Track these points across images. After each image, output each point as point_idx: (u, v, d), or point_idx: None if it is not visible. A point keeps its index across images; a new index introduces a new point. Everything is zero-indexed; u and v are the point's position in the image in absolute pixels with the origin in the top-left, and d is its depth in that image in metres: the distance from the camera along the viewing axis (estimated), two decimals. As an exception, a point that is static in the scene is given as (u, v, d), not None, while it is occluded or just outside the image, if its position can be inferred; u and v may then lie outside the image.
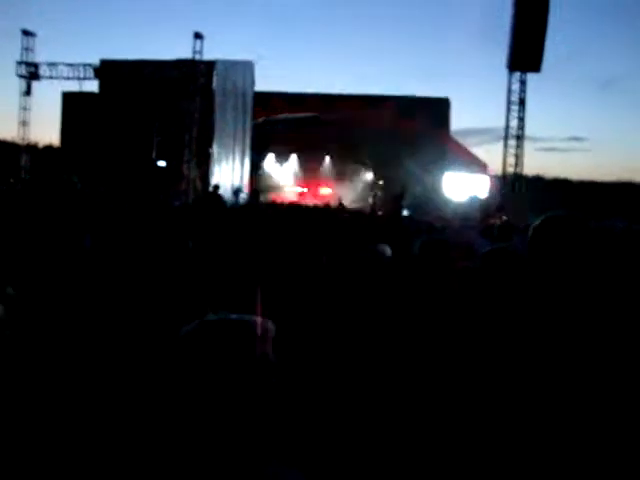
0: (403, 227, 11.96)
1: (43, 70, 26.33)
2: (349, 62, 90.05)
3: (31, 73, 26.42)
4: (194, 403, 1.22)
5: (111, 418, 2.07)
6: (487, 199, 25.92)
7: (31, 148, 28.66)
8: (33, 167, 27.33)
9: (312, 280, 3.31)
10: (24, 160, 27.41)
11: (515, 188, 24.54)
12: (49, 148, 32.73)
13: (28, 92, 26.76)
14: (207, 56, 24.76)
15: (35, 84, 26.83)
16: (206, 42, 24.62)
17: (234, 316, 1.32)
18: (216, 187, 19.14)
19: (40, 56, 26.92)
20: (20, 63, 26.38)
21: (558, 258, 2.09)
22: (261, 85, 28.90)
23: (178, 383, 1.24)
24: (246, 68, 27.25)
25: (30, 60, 26.49)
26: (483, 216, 18.21)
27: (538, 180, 34.40)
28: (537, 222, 2.19)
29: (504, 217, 21.40)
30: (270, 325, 1.32)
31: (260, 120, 30.12)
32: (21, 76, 26.59)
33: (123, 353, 2.60)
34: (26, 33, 26.50)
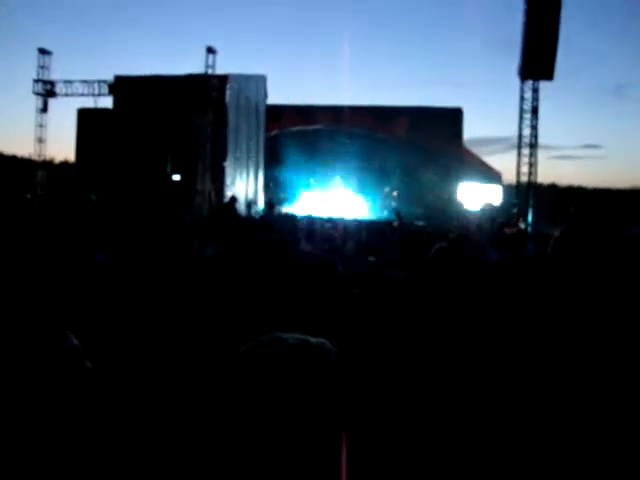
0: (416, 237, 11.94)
1: (59, 87, 26.73)
2: (361, 73, 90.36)
3: (47, 90, 26.82)
4: (253, 423, 1.19)
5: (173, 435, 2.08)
6: (498, 209, 25.84)
7: (47, 164, 29.01)
8: (49, 183, 27.63)
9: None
10: (40, 176, 27.74)
11: (529, 197, 24.41)
12: (65, 164, 33.11)
13: (44, 109, 27.16)
14: (220, 70, 24.97)
15: (51, 101, 27.25)
16: (219, 56, 24.85)
17: (299, 337, 1.28)
18: (233, 199, 19.20)
19: (56, 73, 27.36)
20: (37, 81, 26.80)
21: (581, 267, 2.06)
22: (274, 98, 29.12)
23: (238, 402, 1.22)
24: (259, 82, 27.44)
25: (46, 78, 26.90)
26: (497, 226, 18.13)
27: (553, 188, 34.23)
28: (558, 232, 2.16)
29: (521, 225, 21.35)
30: (332, 349, 1.29)
31: (273, 133, 30.27)
32: (37, 94, 26.99)
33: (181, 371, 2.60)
34: (42, 52, 26.91)
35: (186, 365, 2.74)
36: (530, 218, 23.83)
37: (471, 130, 71.51)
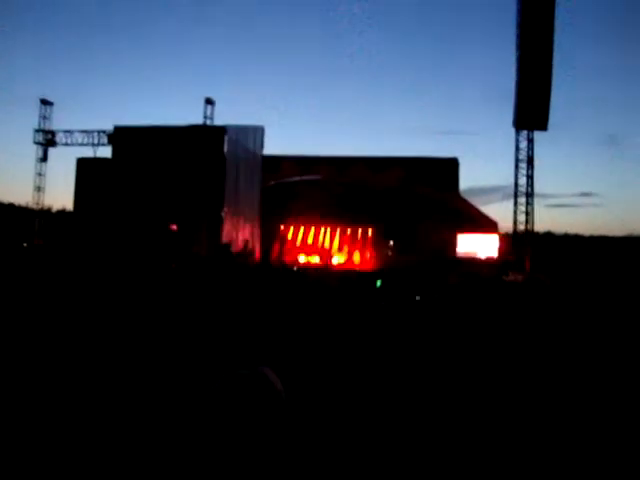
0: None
1: (59, 137, 27.04)
2: (358, 124, 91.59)
3: (47, 140, 27.12)
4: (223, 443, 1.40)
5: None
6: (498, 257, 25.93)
7: (44, 213, 29.07)
8: (46, 232, 27.64)
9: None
10: (37, 225, 27.77)
11: (526, 245, 24.49)
12: (62, 212, 33.18)
13: (44, 158, 27.40)
14: (218, 120, 25.34)
15: (51, 150, 27.51)
16: (217, 107, 25.28)
17: (248, 370, 1.49)
18: (227, 246, 19.15)
19: (56, 123, 27.70)
20: (37, 131, 27.12)
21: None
22: (272, 149, 29.47)
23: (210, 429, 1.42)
24: (256, 132, 27.78)
25: (47, 128, 27.23)
26: (498, 274, 18.12)
27: (549, 236, 34.36)
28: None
29: (518, 273, 21.36)
30: (274, 375, 1.51)
31: (271, 184, 30.48)
32: (38, 143, 27.28)
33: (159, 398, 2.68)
34: (44, 102, 27.31)
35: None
36: (528, 266, 23.85)
37: (467, 180, 72.41)
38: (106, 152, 26.37)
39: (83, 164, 26.60)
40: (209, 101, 24.87)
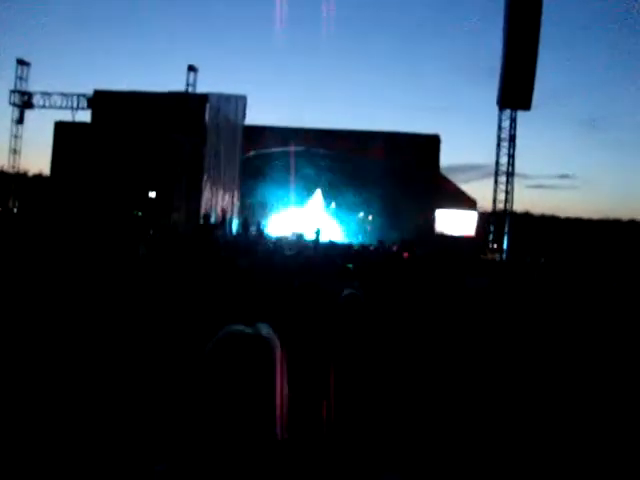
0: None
1: (37, 99, 26.43)
2: (340, 98, 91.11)
3: (24, 102, 26.50)
4: (219, 407, 1.36)
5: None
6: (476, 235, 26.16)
7: (20, 177, 28.56)
8: (22, 195, 27.22)
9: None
10: (13, 188, 27.32)
11: (505, 224, 24.69)
12: (39, 177, 32.66)
13: (20, 120, 26.80)
14: (201, 88, 25.01)
15: (28, 113, 26.91)
16: (200, 74, 24.93)
17: (250, 329, 1.44)
18: (206, 217, 19.01)
19: (34, 85, 27.11)
20: (14, 92, 26.47)
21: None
22: (254, 119, 29.26)
23: (206, 391, 1.38)
24: (238, 102, 27.50)
25: (24, 89, 26.61)
26: (475, 251, 18.27)
27: (527, 216, 34.69)
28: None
29: (495, 253, 21.60)
30: (272, 332, 1.46)
31: (251, 153, 30.28)
32: (14, 104, 26.65)
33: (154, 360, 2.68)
34: (21, 62, 26.65)
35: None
36: (505, 245, 24.07)
37: (448, 157, 72.64)
38: (85, 116, 25.92)
39: (61, 128, 26.07)
40: (192, 68, 24.50)
